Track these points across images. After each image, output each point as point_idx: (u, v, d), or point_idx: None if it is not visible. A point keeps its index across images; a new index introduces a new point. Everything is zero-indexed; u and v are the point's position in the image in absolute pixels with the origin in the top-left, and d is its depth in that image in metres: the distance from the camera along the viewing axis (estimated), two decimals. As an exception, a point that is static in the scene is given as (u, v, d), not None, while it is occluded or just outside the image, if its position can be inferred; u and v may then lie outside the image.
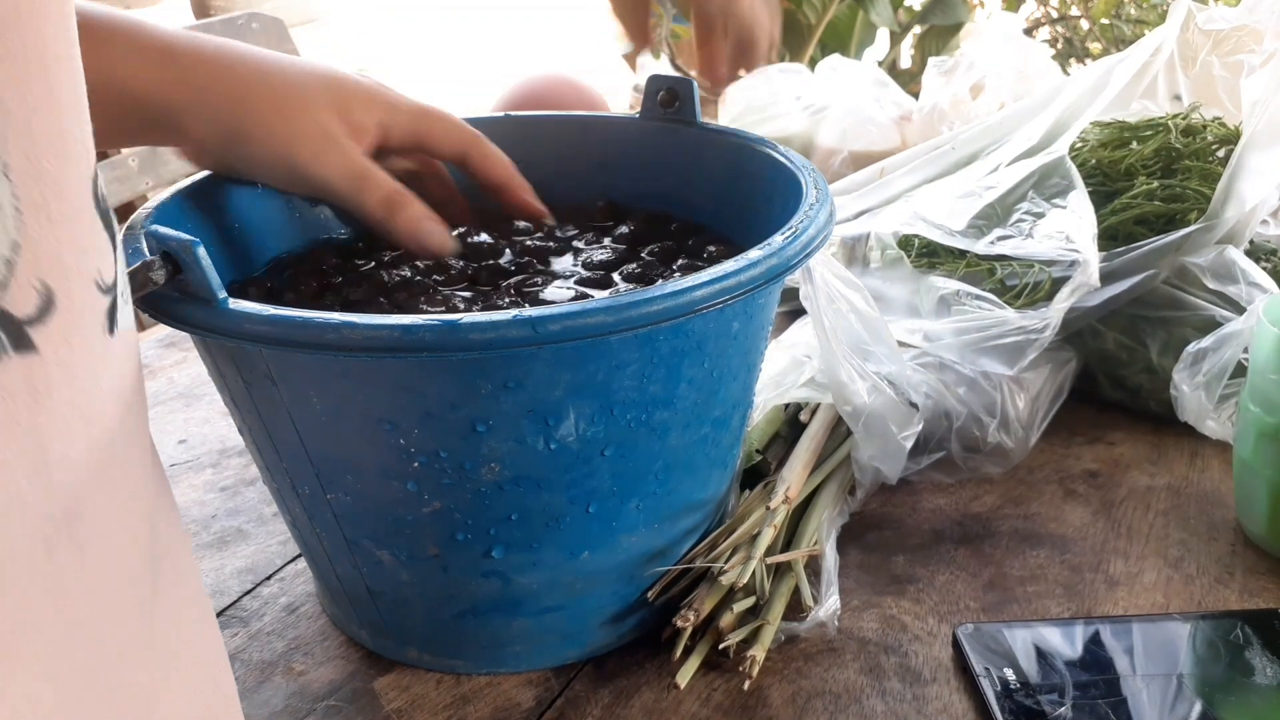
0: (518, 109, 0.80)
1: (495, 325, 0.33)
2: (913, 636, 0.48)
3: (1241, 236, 0.61)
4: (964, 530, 0.55)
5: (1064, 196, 0.61)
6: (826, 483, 0.55)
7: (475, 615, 0.44)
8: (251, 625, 0.50)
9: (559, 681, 0.46)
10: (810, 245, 0.40)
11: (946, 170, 0.73)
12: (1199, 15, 0.69)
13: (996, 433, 0.59)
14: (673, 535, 0.46)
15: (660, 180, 0.57)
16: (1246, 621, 0.47)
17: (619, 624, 0.47)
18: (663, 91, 0.56)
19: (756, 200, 0.51)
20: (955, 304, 0.60)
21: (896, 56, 1.64)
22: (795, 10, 1.51)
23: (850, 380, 0.53)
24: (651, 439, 0.41)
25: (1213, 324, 0.59)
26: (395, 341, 0.33)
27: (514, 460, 0.39)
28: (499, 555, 0.42)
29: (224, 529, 0.57)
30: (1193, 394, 0.56)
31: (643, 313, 0.35)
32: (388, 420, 0.38)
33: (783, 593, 0.48)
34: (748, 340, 0.43)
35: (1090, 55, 1.63)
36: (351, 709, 0.44)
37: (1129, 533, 0.55)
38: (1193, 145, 0.64)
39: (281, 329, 0.34)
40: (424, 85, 4.55)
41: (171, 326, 0.36)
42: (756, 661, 0.44)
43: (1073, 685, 0.44)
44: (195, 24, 1.54)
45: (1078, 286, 0.56)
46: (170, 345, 0.80)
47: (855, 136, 0.94)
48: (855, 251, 0.68)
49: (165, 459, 0.65)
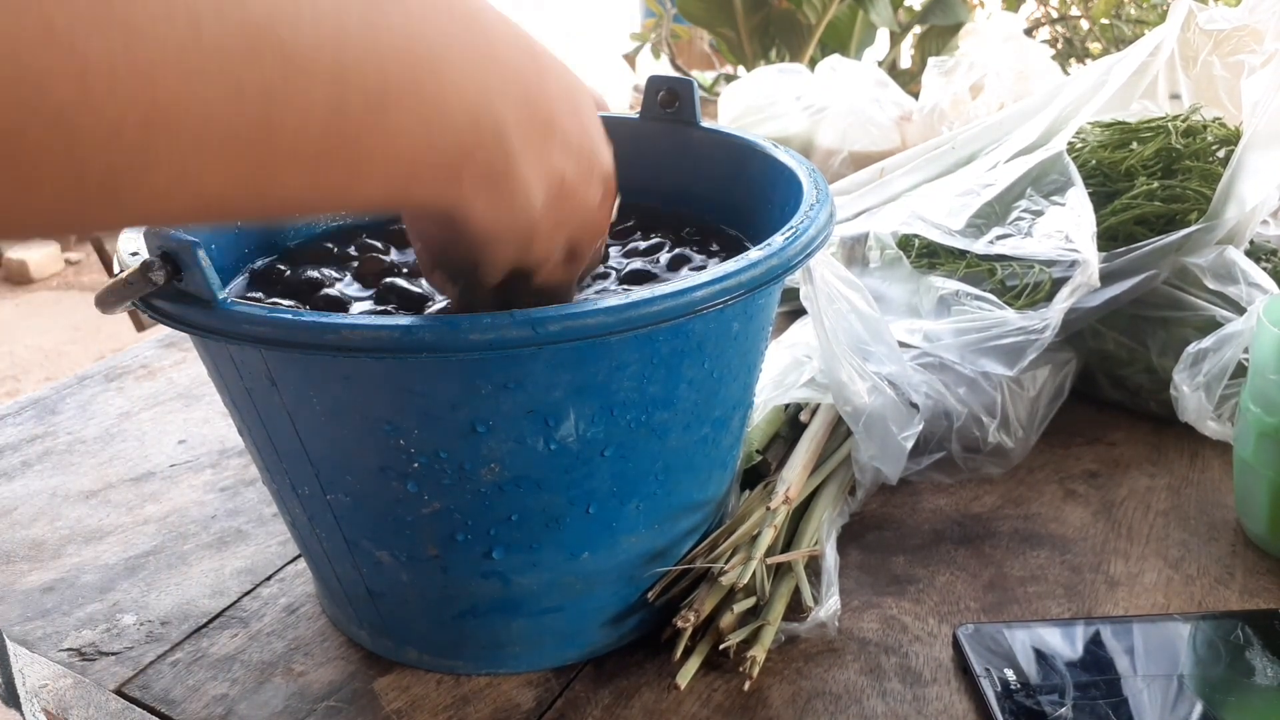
0: (517, 109, 0.80)
1: (495, 325, 0.33)
2: (913, 637, 0.48)
3: (1241, 237, 0.61)
4: (964, 530, 0.55)
5: (1062, 193, 0.61)
6: (826, 483, 0.55)
7: (475, 616, 0.44)
8: (251, 626, 0.50)
9: (559, 682, 0.46)
10: (810, 245, 0.40)
11: (946, 170, 0.73)
12: (1199, 15, 0.69)
13: (996, 433, 0.59)
14: (673, 536, 0.46)
15: (660, 180, 0.57)
16: (1247, 622, 0.47)
17: (619, 624, 0.47)
18: (663, 91, 0.56)
19: (756, 200, 0.51)
20: (955, 304, 0.60)
21: (896, 56, 1.64)
22: (795, 10, 1.51)
23: (850, 380, 0.52)
24: (651, 439, 0.41)
25: (1213, 324, 0.59)
26: (395, 342, 0.33)
27: (514, 461, 0.39)
28: (499, 556, 0.42)
29: (224, 529, 0.57)
30: (1193, 394, 0.56)
31: (642, 313, 0.35)
32: (387, 421, 0.38)
33: (783, 593, 0.48)
34: (748, 341, 0.43)
35: (1090, 55, 1.63)
36: (351, 710, 0.44)
37: (1129, 533, 0.55)
38: (1193, 146, 0.64)
39: (281, 329, 0.34)
40: (424, 85, 4.52)
41: (171, 327, 0.36)
42: (757, 662, 0.44)
43: (1073, 686, 0.44)
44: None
45: (1078, 287, 0.56)
46: (170, 345, 0.80)
47: (855, 136, 0.94)
48: (855, 251, 0.68)
49: (165, 459, 0.65)
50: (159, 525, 0.58)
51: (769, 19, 1.54)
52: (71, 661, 0.48)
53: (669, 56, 1.52)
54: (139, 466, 0.64)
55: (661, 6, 1.58)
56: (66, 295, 3.12)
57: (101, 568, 0.54)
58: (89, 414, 0.70)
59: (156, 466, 0.64)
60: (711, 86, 1.41)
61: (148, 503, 0.60)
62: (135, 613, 0.51)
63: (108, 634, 0.49)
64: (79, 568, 0.54)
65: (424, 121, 0.28)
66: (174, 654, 0.48)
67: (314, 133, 0.25)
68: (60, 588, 0.53)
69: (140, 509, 0.59)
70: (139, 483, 0.62)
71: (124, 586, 0.53)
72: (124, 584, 0.53)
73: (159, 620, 0.50)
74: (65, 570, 0.54)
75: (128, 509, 0.59)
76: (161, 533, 0.57)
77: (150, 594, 0.52)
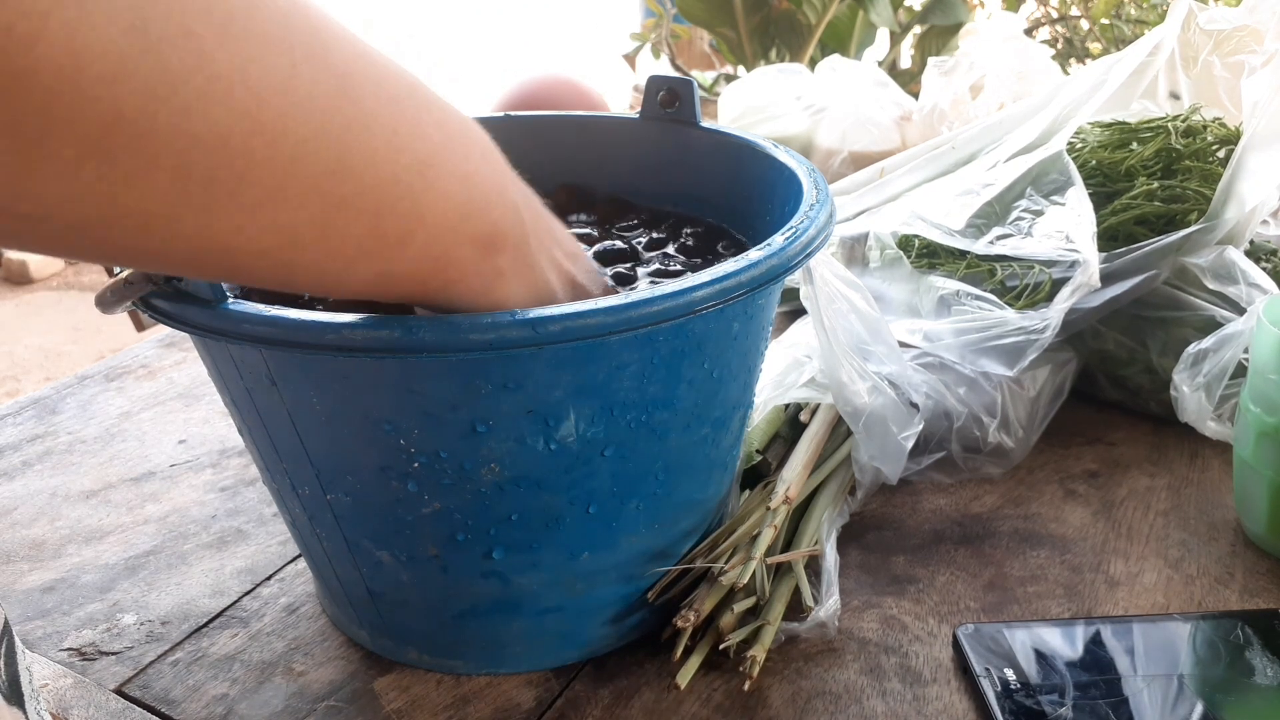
0: (518, 109, 0.80)
1: (495, 325, 0.33)
2: (913, 637, 0.48)
3: (1241, 237, 0.61)
4: (964, 530, 0.55)
5: (1062, 193, 0.62)
6: (826, 483, 0.55)
7: (475, 616, 0.44)
8: (251, 626, 0.50)
9: (559, 682, 0.46)
10: (810, 245, 0.40)
11: (946, 170, 0.73)
12: (1199, 15, 0.69)
13: (996, 433, 0.60)
14: (673, 535, 0.46)
15: (660, 180, 0.57)
16: (1246, 622, 0.47)
17: (619, 624, 0.47)
18: (663, 91, 0.56)
19: (756, 200, 0.51)
20: (955, 304, 0.60)
21: (896, 56, 1.64)
22: (795, 10, 1.51)
23: (850, 380, 0.52)
24: (651, 439, 0.41)
25: (1213, 324, 0.59)
26: (395, 342, 0.33)
27: (514, 461, 0.39)
28: (499, 556, 0.42)
29: (224, 529, 0.57)
30: (1193, 394, 0.56)
31: (642, 313, 0.35)
32: (387, 421, 0.38)
33: (783, 593, 0.48)
34: (748, 341, 0.43)
35: (1090, 55, 1.63)
36: (351, 709, 0.44)
37: (1129, 533, 0.55)
38: (1193, 146, 0.64)
39: (281, 330, 0.34)
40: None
41: (171, 327, 0.36)
42: (757, 662, 0.44)
43: (1073, 686, 0.44)
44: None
45: (1078, 287, 0.56)
46: (170, 345, 0.80)
47: (855, 136, 0.94)
48: (855, 251, 0.68)
49: (165, 459, 0.65)
50: (159, 525, 0.58)
51: (769, 19, 1.54)
52: (72, 661, 0.48)
53: (669, 56, 1.52)
54: (139, 466, 0.64)
55: (661, 6, 1.57)
56: (66, 295, 3.12)
57: (101, 567, 0.54)
58: (89, 414, 0.70)
59: (156, 466, 0.64)
60: (711, 86, 1.40)
61: (148, 503, 0.60)
62: (135, 612, 0.51)
63: (108, 634, 0.49)
64: (79, 567, 0.54)
65: (465, 189, 0.31)
66: (174, 654, 0.48)
67: (376, 180, 0.27)
68: (60, 587, 0.53)
69: (140, 509, 0.59)
70: (139, 482, 0.62)
71: (124, 586, 0.53)
72: (124, 584, 0.53)
73: (159, 620, 0.50)
74: (65, 570, 0.54)
75: (128, 509, 0.59)
76: (161, 533, 0.57)
77: (150, 594, 0.52)
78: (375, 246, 0.29)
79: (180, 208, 0.23)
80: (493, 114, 0.60)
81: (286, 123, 0.24)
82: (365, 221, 0.28)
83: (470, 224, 0.31)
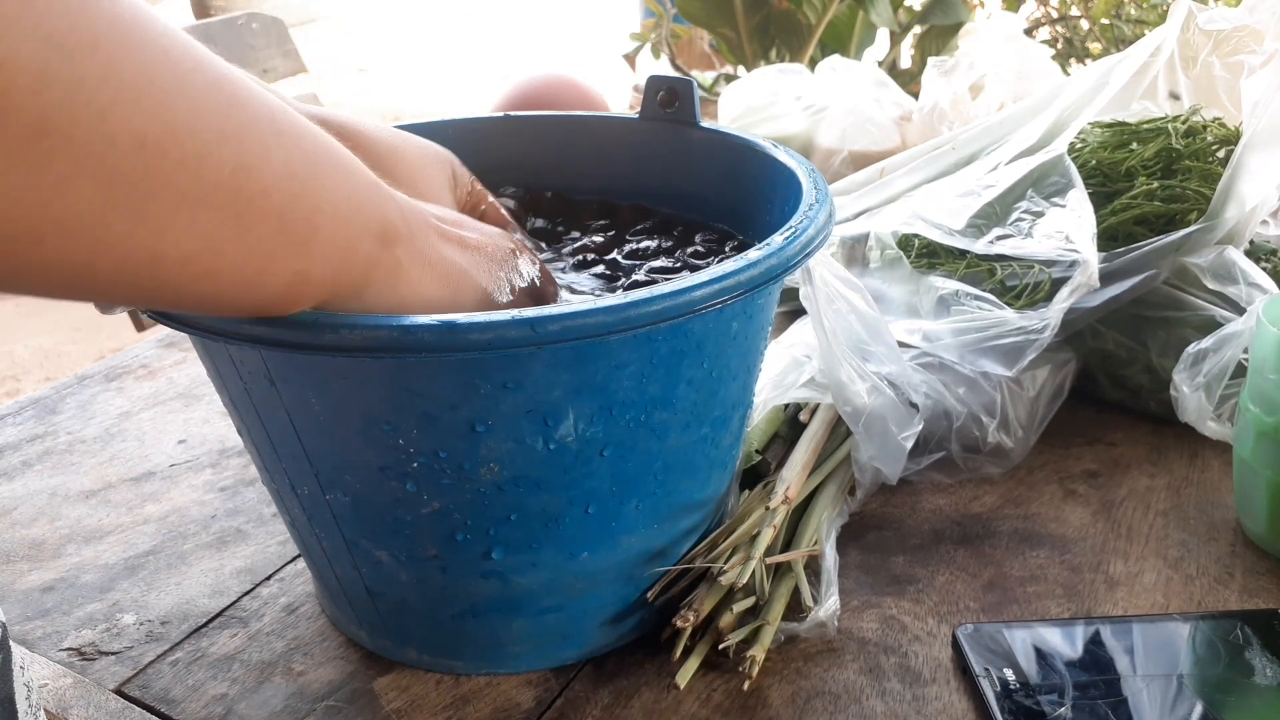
0: (518, 109, 0.80)
1: (494, 325, 0.33)
2: (912, 637, 0.48)
3: (1241, 237, 0.61)
4: (964, 530, 0.55)
5: (1063, 195, 0.61)
6: (826, 483, 0.55)
7: (474, 616, 0.44)
8: (251, 625, 0.50)
9: (559, 682, 0.46)
10: (810, 245, 0.40)
11: (946, 170, 0.73)
12: (1199, 15, 0.69)
13: (996, 433, 0.59)
14: (672, 535, 0.46)
15: (660, 180, 0.57)
16: (1246, 622, 0.47)
17: (619, 624, 0.47)
18: (663, 91, 0.56)
19: (756, 200, 0.51)
20: (955, 304, 0.60)
21: (896, 56, 1.64)
22: (795, 10, 1.51)
23: (850, 380, 0.52)
24: (651, 439, 0.41)
25: (1213, 324, 0.59)
26: (394, 342, 0.33)
27: (513, 460, 0.39)
28: (498, 556, 0.42)
29: (224, 529, 0.57)
30: (1193, 394, 0.56)
31: (641, 313, 0.35)
32: (386, 421, 0.38)
33: (782, 593, 0.48)
34: (747, 341, 0.43)
35: (1090, 55, 1.63)
36: (351, 709, 0.44)
37: (1129, 533, 0.55)
38: (1193, 146, 0.64)
39: (279, 330, 0.34)
40: (424, 85, 4.55)
41: (171, 327, 0.36)
42: (756, 662, 0.44)
43: (1073, 686, 0.44)
44: (195, 24, 1.54)
45: (1078, 287, 0.56)
46: (170, 345, 0.80)
47: (855, 136, 0.94)
48: (855, 251, 0.68)
49: (165, 459, 0.65)
50: (159, 525, 0.58)
51: (769, 19, 1.54)
52: (71, 661, 0.48)
53: (669, 56, 1.52)
54: (139, 466, 0.64)
55: (661, 6, 1.58)
56: (67, 295, 3.11)
57: (101, 567, 0.54)
58: (89, 414, 0.70)
59: (156, 466, 0.64)
60: (711, 86, 1.40)
61: (148, 502, 0.60)
62: (135, 612, 0.51)
63: (108, 634, 0.49)
64: (79, 567, 0.54)
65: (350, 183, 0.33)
66: (174, 654, 0.48)
67: (274, 177, 0.29)
68: (60, 587, 0.53)
69: (140, 509, 0.59)
70: (139, 482, 0.62)
71: (124, 586, 0.53)
72: (124, 584, 0.53)
73: (159, 620, 0.50)
74: (65, 570, 0.54)
75: (128, 509, 0.59)
76: (161, 532, 0.57)
77: (150, 594, 0.52)
78: (286, 244, 0.30)
79: (108, 213, 0.24)
80: (493, 114, 0.60)
81: (192, 123, 0.26)
82: (273, 220, 0.29)
83: (364, 215, 0.33)
